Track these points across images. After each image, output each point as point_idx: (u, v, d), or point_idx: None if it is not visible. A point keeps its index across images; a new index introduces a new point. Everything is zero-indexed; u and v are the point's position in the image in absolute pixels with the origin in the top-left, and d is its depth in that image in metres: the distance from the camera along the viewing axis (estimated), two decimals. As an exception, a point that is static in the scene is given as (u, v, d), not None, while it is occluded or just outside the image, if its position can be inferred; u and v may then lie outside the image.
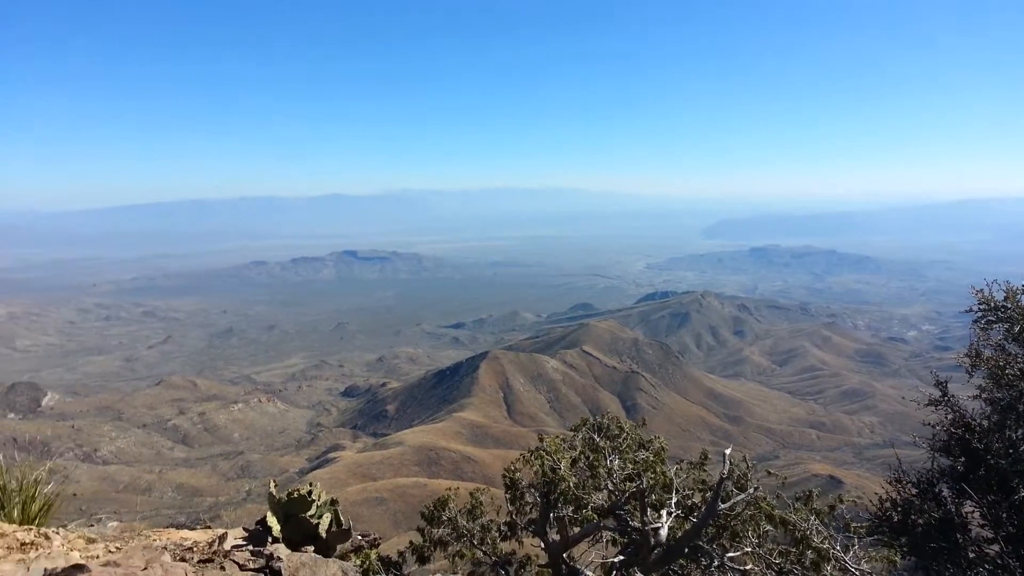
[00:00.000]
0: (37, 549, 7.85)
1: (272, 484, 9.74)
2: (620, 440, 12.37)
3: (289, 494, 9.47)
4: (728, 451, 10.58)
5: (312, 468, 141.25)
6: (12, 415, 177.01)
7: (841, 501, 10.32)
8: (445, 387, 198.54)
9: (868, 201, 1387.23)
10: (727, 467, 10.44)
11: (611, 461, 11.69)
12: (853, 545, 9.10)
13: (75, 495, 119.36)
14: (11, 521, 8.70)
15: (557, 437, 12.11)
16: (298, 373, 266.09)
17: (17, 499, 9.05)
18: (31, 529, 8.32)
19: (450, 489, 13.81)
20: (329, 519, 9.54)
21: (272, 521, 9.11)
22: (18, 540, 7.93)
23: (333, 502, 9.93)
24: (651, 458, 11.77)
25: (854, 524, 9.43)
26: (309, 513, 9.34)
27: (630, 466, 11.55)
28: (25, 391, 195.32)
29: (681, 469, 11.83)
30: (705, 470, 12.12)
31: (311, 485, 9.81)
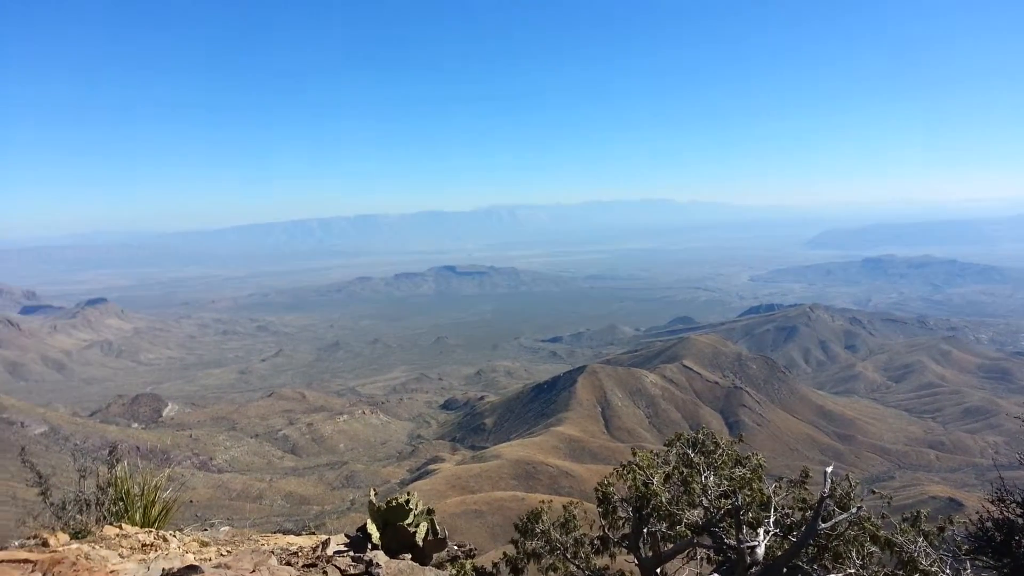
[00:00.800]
0: (156, 550, 8.46)
1: (372, 492, 10.11)
2: (715, 456, 12.14)
3: (388, 502, 9.79)
4: (829, 469, 10.25)
5: (413, 479, 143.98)
6: (136, 424, 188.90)
7: (951, 522, 9.80)
8: (543, 401, 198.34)
9: (994, 206, 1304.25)
10: (828, 485, 10.10)
11: (706, 477, 11.49)
12: (965, 569, 8.62)
13: (191, 501, 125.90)
14: (133, 523, 9.39)
15: (650, 452, 12.02)
16: (400, 386, 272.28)
17: (139, 503, 9.76)
18: (151, 531, 8.96)
19: (543, 501, 13.89)
20: (426, 528, 9.81)
21: (372, 528, 9.45)
22: (140, 541, 8.58)
23: (430, 512, 10.21)
24: (748, 475, 11.49)
25: (966, 547, 8.92)
26: (407, 522, 9.63)
27: (725, 483, 11.32)
28: (148, 402, 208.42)
29: (780, 487, 11.52)
30: (806, 488, 11.75)
31: (408, 494, 10.13)
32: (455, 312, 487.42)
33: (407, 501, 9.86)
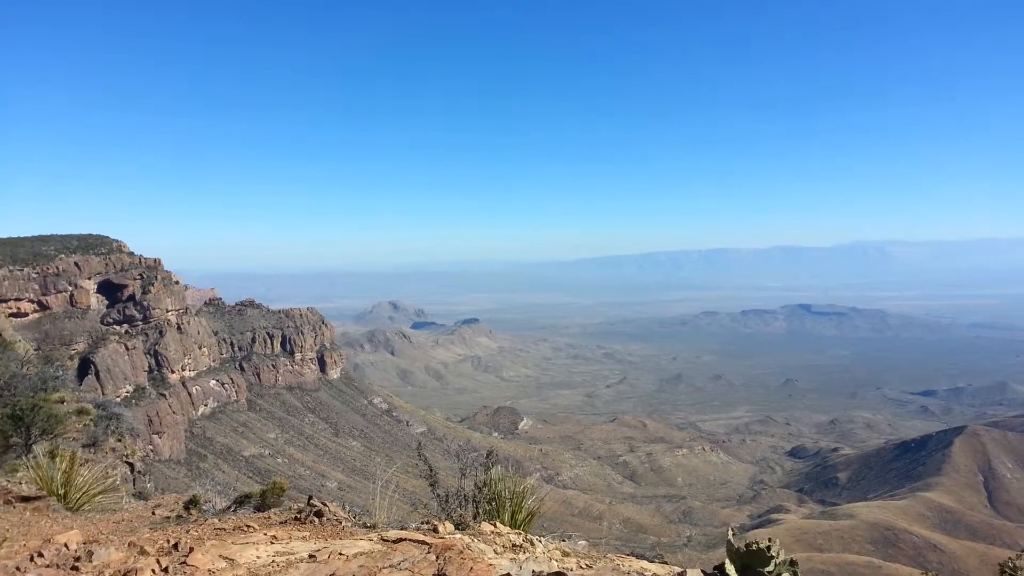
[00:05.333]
0: (524, 552, 9.10)
1: (730, 532, 9.76)
2: None
3: (747, 545, 9.37)
4: None
5: (753, 526, 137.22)
6: (496, 434, 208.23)
7: None
8: (908, 461, 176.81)
9: None
10: None
11: None
12: None
13: (541, 513, 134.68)
14: (503, 524, 10.26)
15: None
16: (742, 426, 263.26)
17: (508, 506, 10.65)
18: (520, 533, 9.68)
19: (927, 574, 12.21)
20: (787, 580, 9.18)
21: (730, 569, 9.10)
22: (510, 541, 9.31)
23: (792, 563, 9.53)
24: None
25: None
26: (767, 569, 9.10)
27: None
28: (507, 415, 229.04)
29: None
30: None
31: (770, 541, 9.58)
32: (807, 354, 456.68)
33: (768, 548, 9.32)
